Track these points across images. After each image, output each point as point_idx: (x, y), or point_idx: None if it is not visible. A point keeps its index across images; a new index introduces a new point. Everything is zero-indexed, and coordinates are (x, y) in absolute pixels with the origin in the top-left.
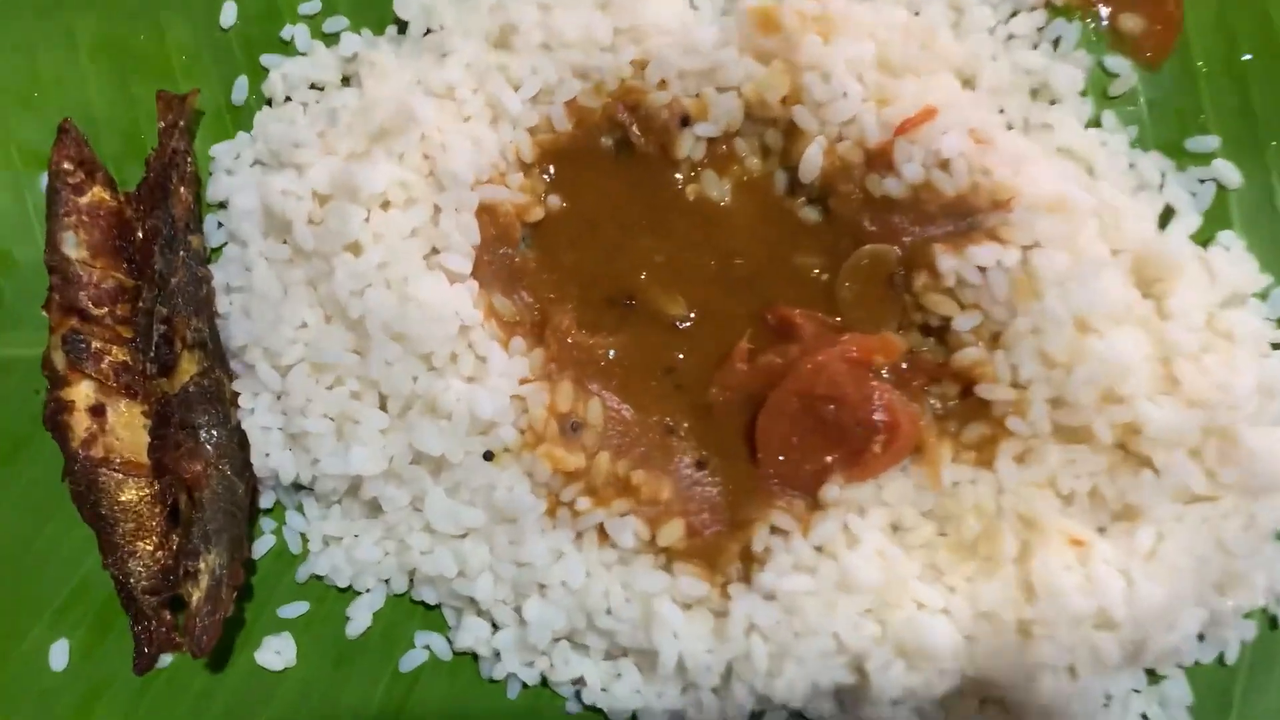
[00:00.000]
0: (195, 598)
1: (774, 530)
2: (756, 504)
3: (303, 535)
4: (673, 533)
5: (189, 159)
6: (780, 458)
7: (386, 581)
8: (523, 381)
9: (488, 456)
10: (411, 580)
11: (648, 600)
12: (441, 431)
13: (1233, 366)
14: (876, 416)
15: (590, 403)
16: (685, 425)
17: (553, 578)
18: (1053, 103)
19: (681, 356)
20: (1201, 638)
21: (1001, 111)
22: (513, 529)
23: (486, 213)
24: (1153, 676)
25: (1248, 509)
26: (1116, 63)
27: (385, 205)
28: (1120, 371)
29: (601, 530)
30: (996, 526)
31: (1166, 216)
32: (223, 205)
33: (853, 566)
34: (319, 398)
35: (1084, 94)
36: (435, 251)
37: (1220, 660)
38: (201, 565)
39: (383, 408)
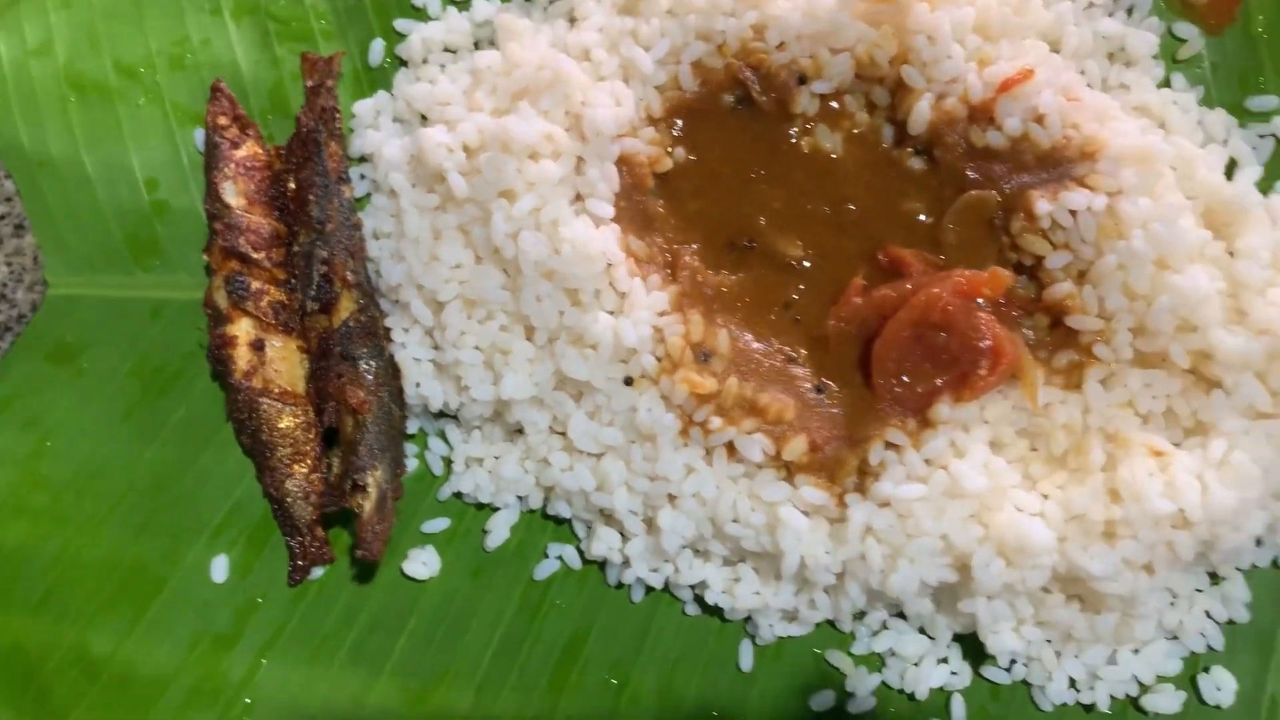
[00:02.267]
0: (367, 509)
1: (888, 446)
2: (872, 423)
3: (445, 459)
4: (797, 448)
5: (337, 115)
6: (894, 381)
7: (522, 498)
8: (660, 314)
9: (628, 382)
10: (546, 497)
11: (773, 508)
12: (587, 359)
13: None
14: (983, 343)
15: (719, 334)
16: (804, 354)
17: (685, 490)
18: (1128, 65)
19: (797, 295)
20: (1259, 543)
21: (1082, 73)
22: (649, 447)
23: (623, 163)
24: (1214, 579)
25: None
26: (1184, 29)
27: (534, 156)
28: (1195, 303)
29: (730, 447)
30: (1085, 441)
31: (1231, 168)
32: (364, 159)
33: (961, 475)
34: (471, 331)
35: (1156, 58)
36: (580, 198)
37: (1274, 564)
38: (370, 480)
39: (530, 339)
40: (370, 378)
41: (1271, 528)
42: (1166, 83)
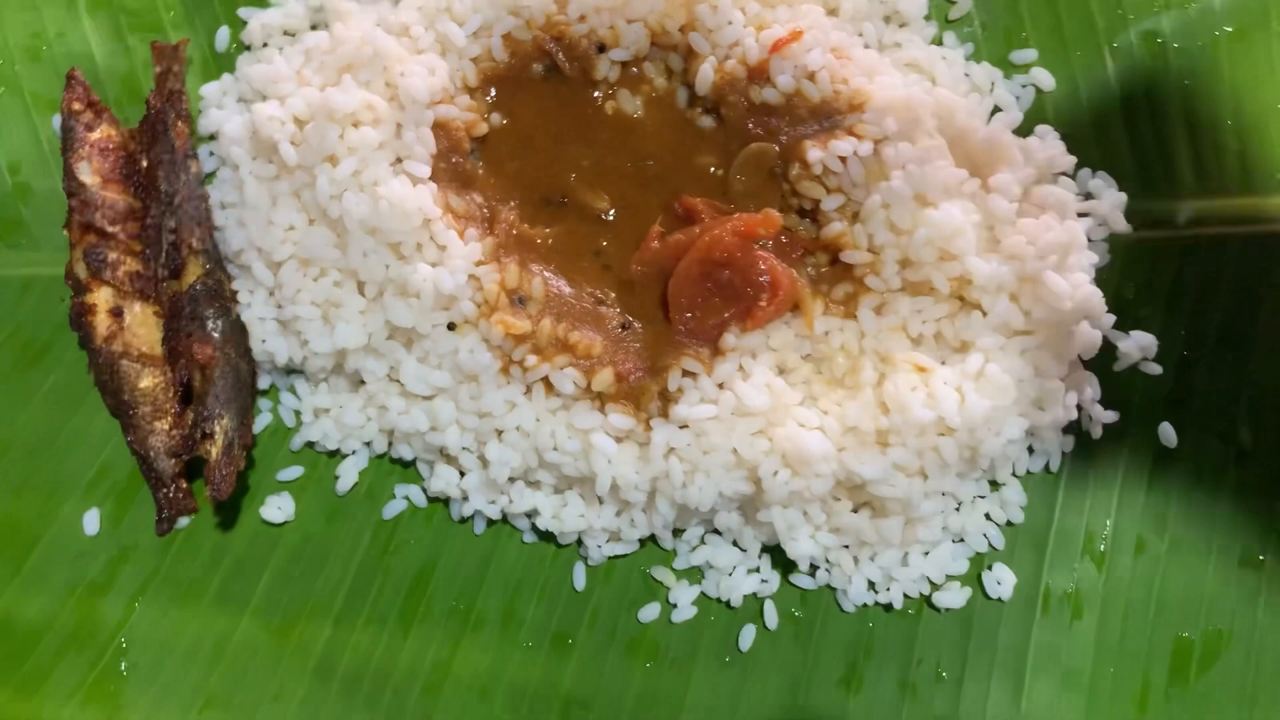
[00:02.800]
0: (214, 453)
1: (685, 373)
2: (670, 353)
3: (296, 412)
4: (604, 380)
5: (184, 98)
6: (688, 315)
7: (368, 445)
8: (477, 264)
9: (451, 326)
10: (390, 441)
11: (586, 435)
12: (411, 308)
13: (1041, 226)
14: (762, 278)
15: (534, 280)
16: (612, 296)
17: (508, 424)
18: (902, 26)
19: (606, 243)
20: (1031, 451)
21: (860, 34)
22: (474, 386)
23: (440, 128)
24: (994, 485)
25: (1056, 340)
26: None
27: (356, 124)
28: (950, 234)
29: (546, 382)
30: (859, 362)
31: (997, 113)
32: (213, 137)
33: (746, 394)
34: (306, 288)
35: (928, 18)
36: (400, 160)
37: (1046, 468)
38: (216, 428)
39: (360, 293)
40: (216, 335)
41: (1038, 436)
42: (939, 41)
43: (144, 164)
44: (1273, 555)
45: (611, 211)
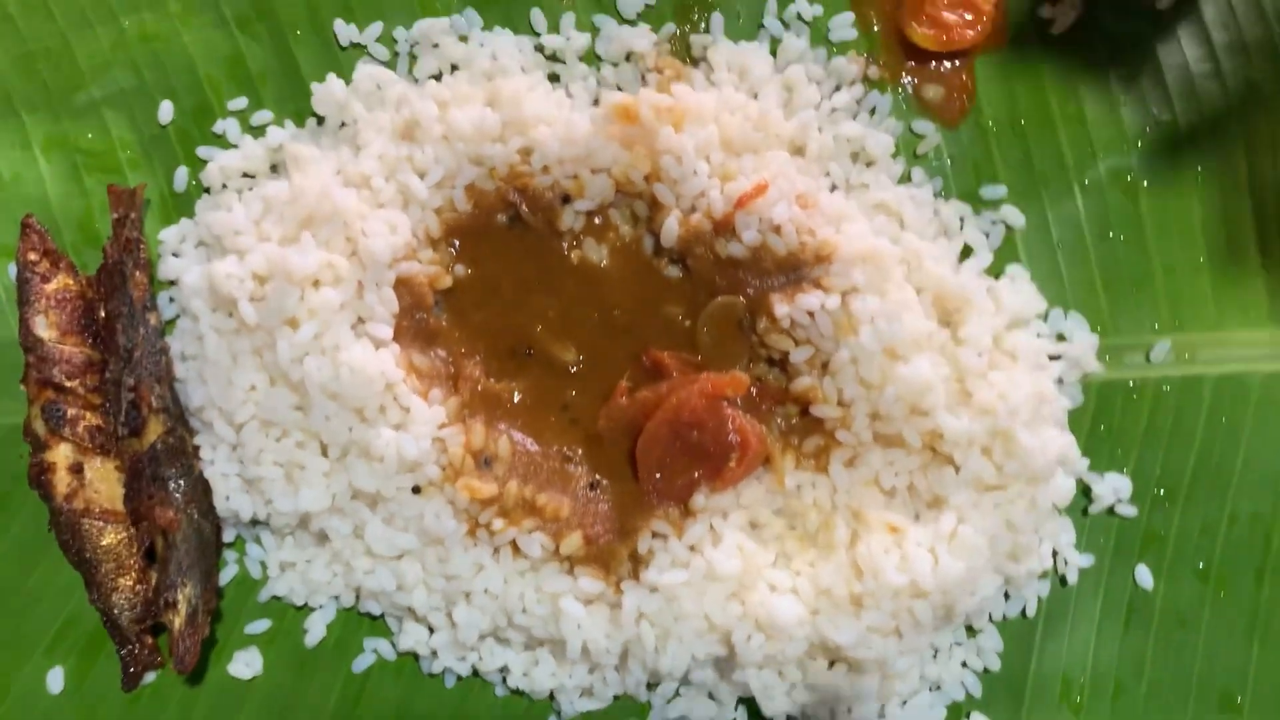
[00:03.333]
0: (177, 624)
1: (655, 535)
2: (640, 514)
3: (262, 563)
4: (573, 543)
5: (142, 246)
6: (656, 475)
7: (336, 597)
8: (441, 426)
9: (416, 490)
10: (358, 595)
11: (555, 599)
12: (375, 472)
13: (1012, 381)
14: (730, 438)
15: (500, 439)
16: (580, 452)
17: (476, 586)
18: (869, 164)
19: (574, 395)
20: (1007, 597)
21: (828, 174)
22: (440, 549)
23: (403, 284)
24: (970, 631)
25: (1030, 493)
26: (922, 125)
27: (316, 284)
28: (921, 389)
29: (514, 544)
30: (832, 520)
31: (968, 252)
32: (173, 283)
33: (716, 559)
34: (269, 448)
35: (896, 154)
36: (361, 321)
37: (1023, 614)
38: (180, 596)
39: (324, 454)
40: (179, 497)
41: (1013, 585)
42: (908, 176)
43: (103, 313)
44: (1251, 698)
45: (578, 363)
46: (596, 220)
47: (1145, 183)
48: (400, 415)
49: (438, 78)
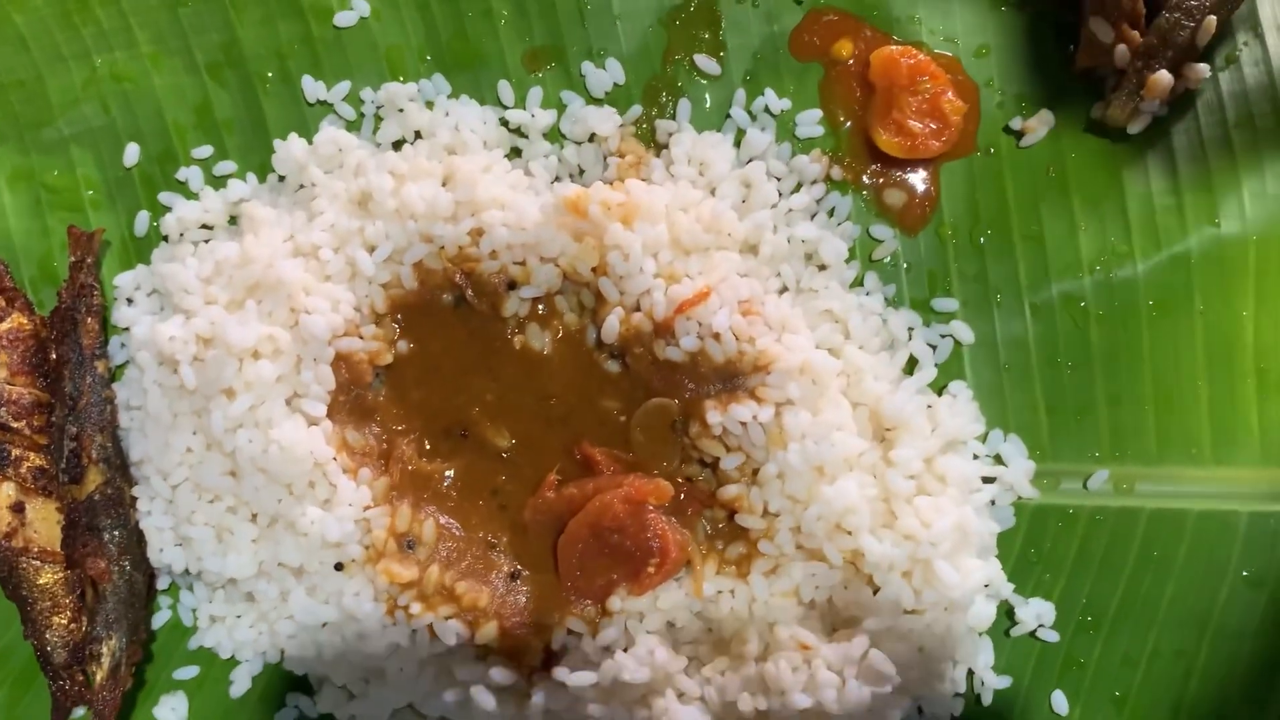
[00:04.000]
0: (99, 676)
1: (570, 632)
2: (558, 608)
3: (194, 611)
4: (488, 633)
5: (96, 292)
6: (577, 573)
7: (263, 653)
8: (366, 507)
9: (338, 567)
10: (282, 654)
11: (466, 686)
12: (300, 546)
13: (938, 509)
14: (652, 543)
15: (426, 523)
16: (505, 540)
17: (391, 666)
18: (822, 268)
19: (504, 480)
20: (921, 712)
21: (779, 274)
22: (359, 625)
23: (342, 360)
24: None
25: (947, 620)
26: (881, 230)
27: (255, 355)
28: (845, 511)
29: (431, 628)
30: (746, 630)
31: (914, 363)
32: (126, 328)
33: (627, 666)
34: (201, 510)
35: (851, 258)
36: (297, 396)
37: None
38: (104, 649)
39: (254, 521)
40: (113, 548)
41: (930, 702)
42: (860, 281)
43: (54, 356)
44: None
45: (512, 449)
46: (541, 308)
47: (1099, 311)
48: (328, 492)
49: (400, 143)
